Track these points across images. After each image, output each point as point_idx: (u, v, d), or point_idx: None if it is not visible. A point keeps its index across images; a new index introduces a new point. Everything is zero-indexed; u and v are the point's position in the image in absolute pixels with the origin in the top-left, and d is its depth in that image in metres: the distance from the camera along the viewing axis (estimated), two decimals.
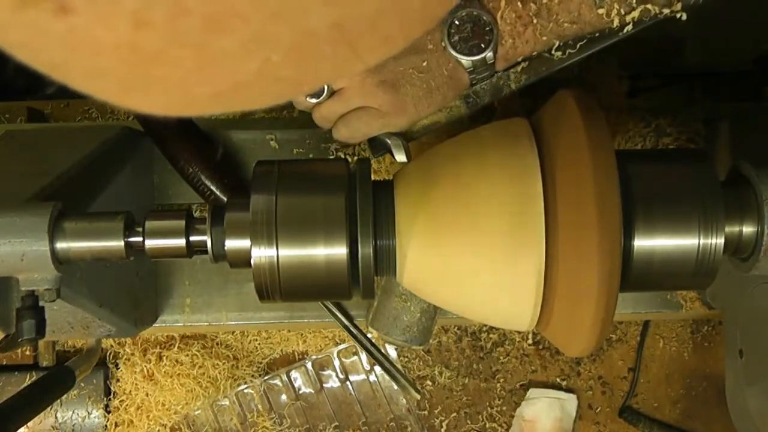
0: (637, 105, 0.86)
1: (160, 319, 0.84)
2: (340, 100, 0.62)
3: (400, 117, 0.62)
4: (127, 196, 0.76)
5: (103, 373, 1.03)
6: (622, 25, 0.56)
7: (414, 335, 0.76)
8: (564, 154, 0.52)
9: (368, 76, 0.60)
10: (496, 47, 0.58)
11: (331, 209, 0.54)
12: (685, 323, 1.05)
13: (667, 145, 0.84)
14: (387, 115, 0.62)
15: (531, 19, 0.57)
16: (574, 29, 0.57)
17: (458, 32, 0.58)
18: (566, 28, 0.57)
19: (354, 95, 0.62)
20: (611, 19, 0.56)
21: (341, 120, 0.64)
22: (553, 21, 0.57)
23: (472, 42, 0.58)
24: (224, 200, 0.75)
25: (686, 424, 1.05)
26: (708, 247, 0.53)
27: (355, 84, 0.61)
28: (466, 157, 0.56)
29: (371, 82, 0.60)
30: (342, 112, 0.64)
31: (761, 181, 0.54)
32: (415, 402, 1.06)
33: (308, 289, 0.56)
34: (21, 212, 0.53)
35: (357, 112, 0.63)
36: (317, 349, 1.06)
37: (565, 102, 0.54)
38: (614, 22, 0.56)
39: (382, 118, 0.62)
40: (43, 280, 0.54)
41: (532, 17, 0.57)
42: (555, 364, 1.06)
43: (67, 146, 0.71)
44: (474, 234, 0.53)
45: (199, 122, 0.80)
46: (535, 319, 0.55)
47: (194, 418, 1.05)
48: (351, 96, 0.62)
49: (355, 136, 0.65)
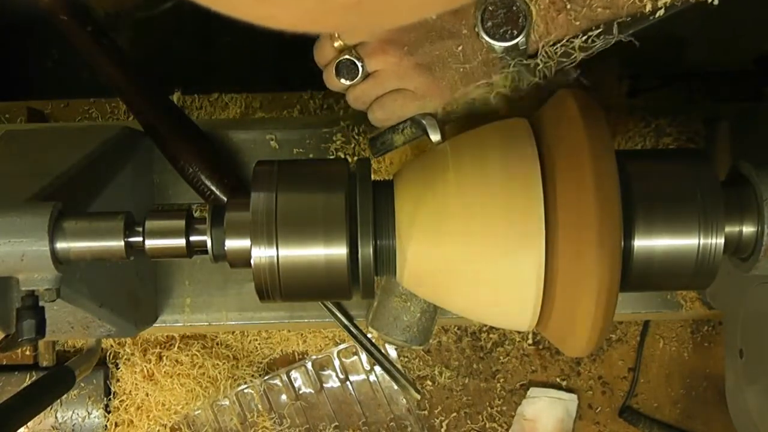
0: (637, 105, 0.86)
1: (160, 319, 0.84)
2: (376, 82, 0.62)
3: (435, 99, 0.63)
4: (127, 196, 0.76)
5: (103, 373, 1.03)
6: (654, 9, 0.56)
7: (414, 335, 0.76)
8: (564, 154, 0.52)
9: (403, 58, 0.60)
10: (528, 33, 0.58)
11: (331, 209, 0.54)
12: (685, 323, 1.05)
13: (667, 145, 0.84)
14: (422, 98, 0.62)
15: (564, 4, 0.57)
16: (606, 14, 0.57)
17: (491, 18, 0.58)
18: (599, 12, 0.57)
19: (389, 78, 0.62)
20: (644, 3, 0.55)
21: (376, 102, 0.64)
22: (587, 6, 0.56)
23: (504, 28, 0.57)
24: (224, 200, 0.75)
25: (686, 424, 1.05)
26: (708, 247, 0.53)
27: (390, 67, 0.61)
28: (466, 157, 0.56)
29: (407, 64, 0.60)
30: (377, 94, 0.63)
31: (761, 181, 0.54)
32: (415, 402, 1.06)
33: (308, 289, 0.56)
34: (21, 212, 0.53)
35: (392, 94, 0.63)
36: (317, 349, 1.06)
37: (565, 102, 0.54)
38: (647, 6, 0.55)
39: (417, 101, 0.63)
40: (43, 280, 0.54)
41: (565, 2, 0.57)
42: (555, 364, 1.06)
43: (67, 146, 0.71)
44: (474, 234, 0.53)
45: (199, 122, 0.80)
46: (535, 319, 0.55)
47: (194, 418, 1.05)
48: (386, 78, 0.62)
49: (390, 117, 0.65)
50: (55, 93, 1.06)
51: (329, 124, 0.86)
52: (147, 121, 0.76)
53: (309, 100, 1.05)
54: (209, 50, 1.48)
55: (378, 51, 0.61)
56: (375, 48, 0.61)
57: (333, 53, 0.63)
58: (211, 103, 1.06)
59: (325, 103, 1.05)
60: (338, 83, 0.63)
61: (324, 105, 1.05)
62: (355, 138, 0.85)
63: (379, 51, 0.61)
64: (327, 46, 0.63)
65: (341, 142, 0.85)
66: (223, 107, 1.05)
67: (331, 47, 0.62)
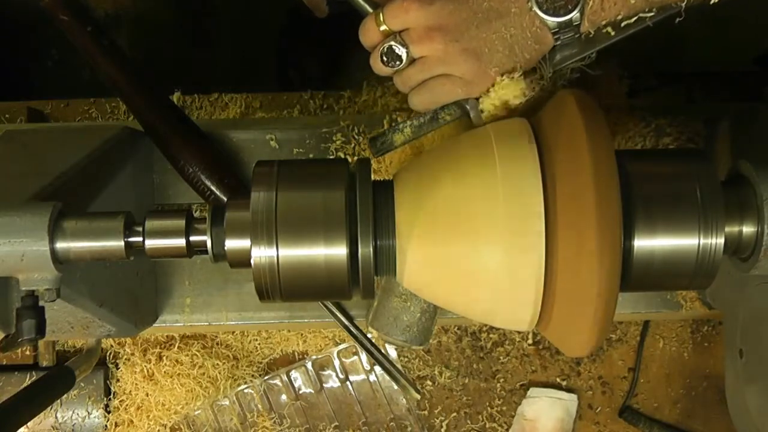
0: (637, 105, 0.86)
1: (160, 319, 0.84)
2: (423, 68, 0.62)
3: (483, 84, 0.62)
4: (127, 196, 0.76)
5: (103, 373, 1.03)
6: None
7: (414, 335, 0.76)
8: (564, 154, 0.52)
9: (449, 44, 0.59)
10: (583, 8, 0.56)
11: (331, 209, 0.54)
12: (685, 323, 1.05)
13: (667, 145, 0.84)
14: (470, 84, 0.62)
15: None
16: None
17: None
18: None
19: (435, 64, 0.61)
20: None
21: (423, 87, 0.64)
22: None
23: (558, 2, 0.56)
24: (224, 200, 0.75)
25: (686, 424, 1.05)
26: (708, 247, 0.53)
27: (437, 52, 0.60)
28: (466, 157, 0.56)
29: (453, 50, 0.60)
30: (422, 79, 0.63)
31: (761, 181, 0.54)
32: (415, 402, 1.06)
33: (308, 289, 0.56)
34: (21, 212, 0.53)
35: (440, 79, 0.62)
36: (317, 349, 1.06)
37: (565, 102, 0.54)
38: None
39: (464, 86, 0.62)
40: (43, 280, 0.54)
41: None
42: (555, 364, 1.06)
43: (67, 146, 0.71)
44: (474, 234, 0.53)
45: (199, 122, 0.80)
46: (535, 319, 0.55)
47: (194, 418, 1.05)
48: (432, 64, 0.61)
49: (437, 102, 0.64)
50: (55, 93, 1.06)
51: (329, 124, 0.86)
52: (147, 121, 0.76)
53: (309, 100, 1.05)
54: (209, 50, 1.48)
55: (424, 38, 0.60)
56: (420, 34, 0.60)
57: (379, 37, 0.62)
58: (211, 103, 1.05)
59: (325, 103, 1.05)
60: (384, 68, 0.63)
61: (324, 105, 1.05)
62: (355, 138, 0.85)
63: (424, 37, 0.60)
64: (373, 29, 0.62)
65: (341, 142, 0.85)
66: (223, 107, 1.05)
67: (376, 31, 0.62)
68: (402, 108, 0.94)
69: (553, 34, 0.58)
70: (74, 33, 0.74)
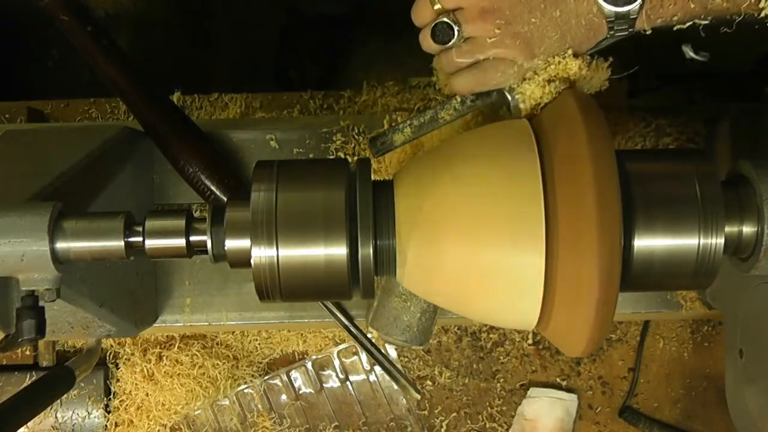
0: (637, 105, 0.86)
1: (160, 319, 0.84)
2: (471, 48, 0.61)
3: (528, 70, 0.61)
4: (127, 196, 0.76)
5: (103, 373, 1.03)
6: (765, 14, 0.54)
7: (414, 335, 0.76)
8: (564, 154, 0.52)
9: (502, 27, 0.59)
10: (643, 1, 0.55)
11: (331, 209, 0.54)
12: (685, 323, 1.05)
13: (667, 145, 0.84)
14: (520, 68, 0.61)
15: None
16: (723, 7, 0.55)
17: None
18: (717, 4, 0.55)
19: (486, 45, 0.60)
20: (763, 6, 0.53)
21: (476, 67, 0.62)
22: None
23: None
24: (224, 200, 0.75)
25: (686, 424, 1.05)
26: (708, 247, 0.53)
27: (488, 33, 0.60)
28: (466, 157, 0.56)
29: (504, 33, 0.59)
30: (470, 61, 0.62)
31: (761, 181, 0.54)
32: (415, 402, 1.06)
33: (308, 289, 0.56)
34: (21, 212, 0.53)
35: (493, 61, 0.62)
36: (317, 349, 1.06)
37: (565, 102, 0.54)
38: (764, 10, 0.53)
39: (516, 70, 0.61)
40: (43, 280, 0.54)
41: None
42: (555, 364, 1.06)
43: (67, 146, 0.71)
44: (474, 234, 0.53)
45: (199, 122, 0.80)
46: (535, 318, 0.55)
47: (194, 418, 1.05)
48: (482, 46, 0.61)
49: (485, 85, 0.63)
50: (55, 93, 1.07)
51: (329, 124, 0.86)
52: (147, 121, 0.76)
53: (309, 100, 1.05)
54: (209, 50, 1.48)
55: (477, 18, 0.59)
56: (474, 14, 0.60)
57: (431, 15, 0.62)
58: (211, 103, 1.06)
59: (325, 103, 1.05)
60: (433, 45, 0.62)
61: (324, 105, 1.05)
62: (355, 138, 0.85)
63: (477, 18, 0.59)
64: (426, 7, 0.62)
65: (341, 142, 0.85)
66: (223, 107, 1.05)
67: (429, 9, 0.61)
68: (402, 108, 0.95)
69: (608, 24, 0.57)
70: (74, 33, 0.74)
